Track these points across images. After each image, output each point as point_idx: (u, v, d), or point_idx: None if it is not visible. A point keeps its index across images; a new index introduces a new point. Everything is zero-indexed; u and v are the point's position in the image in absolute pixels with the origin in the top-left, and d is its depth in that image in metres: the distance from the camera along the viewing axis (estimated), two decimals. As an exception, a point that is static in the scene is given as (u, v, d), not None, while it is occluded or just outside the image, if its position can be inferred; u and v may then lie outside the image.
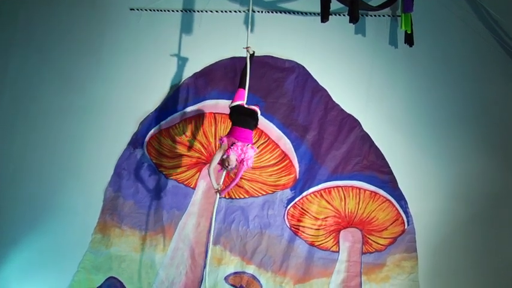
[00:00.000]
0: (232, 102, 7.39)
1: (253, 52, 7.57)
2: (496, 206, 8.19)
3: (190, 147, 8.81)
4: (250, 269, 8.54)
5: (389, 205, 8.43)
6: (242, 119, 7.28)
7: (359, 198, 8.49)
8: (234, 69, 8.72)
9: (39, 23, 9.33)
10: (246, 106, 7.35)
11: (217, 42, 8.81)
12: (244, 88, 7.43)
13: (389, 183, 8.43)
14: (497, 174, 8.24)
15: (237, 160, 7.09)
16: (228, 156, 7.08)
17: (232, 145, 7.11)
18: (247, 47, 7.52)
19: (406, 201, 8.37)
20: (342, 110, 8.63)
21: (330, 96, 8.66)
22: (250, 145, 7.18)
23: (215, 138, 8.74)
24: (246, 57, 7.51)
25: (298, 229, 8.55)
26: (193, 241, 8.66)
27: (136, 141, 8.94)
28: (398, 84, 8.55)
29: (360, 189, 8.50)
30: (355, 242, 8.45)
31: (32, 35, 9.35)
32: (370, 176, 8.48)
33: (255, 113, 7.35)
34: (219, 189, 7.34)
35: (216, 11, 8.95)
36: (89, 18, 9.21)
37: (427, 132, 8.42)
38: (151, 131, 8.91)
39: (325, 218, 8.53)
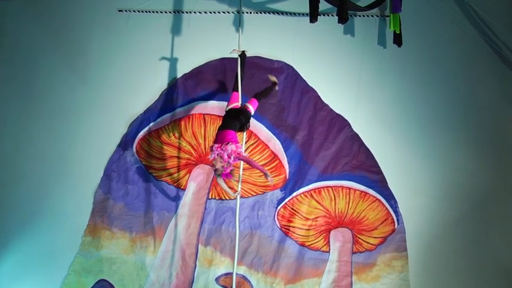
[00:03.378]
0: (227, 107, 7.42)
1: (243, 52, 7.54)
2: (485, 205, 8.25)
3: (180, 149, 8.80)
4: (241, 270, 8.53)
5: (379, 205, 8.46)
6: (223, 123, 7.27)
7: (349, 198, 8.52)
8: (224, 70, 8.72)
9: (27, 25, 9.27)
10: (238, 107, 7.34)
11: (206, 43, 8.80)
12: (237, 90, 7.44)
13: (379, 183, 8.46)
14: (486, 174, 8.29)
15: (223, 161, 7.02)
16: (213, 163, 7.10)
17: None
18: (233, 50, 7.51)
19: (396, 200, 8.41)
20: (332, 110, 8.66)
21: (319, 97, 8.69)
22: (229, 143, 7.01)
23: (205, 140, 8.74)
24: (237, 59, 7.51)
25: (289, 229, 8.55)
26: (184, 242, 8.65)
27: (126, 142, 8.91)
28: (388, 84, 8.58)
29: (349, 189, 8.52)
30: (345, 242, 8.48)
31: (20, 37, 9.29)
32: (360, 176, 8.51)
33: (241, 112, 7.29)
34: (238, 191, 7.35)
35: (205, 12, 8.93)
36: (78, 20, 9.17)
37: (417, 132, 8.45)
38: (141, 133, 8.89)
39: (316, 218, 8.55)
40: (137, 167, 8.86)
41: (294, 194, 8.59)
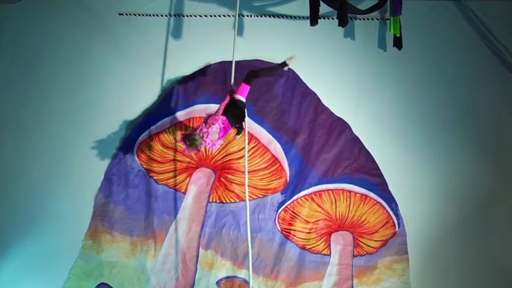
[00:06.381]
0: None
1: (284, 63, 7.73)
2: (486, 207, 8.25)
3: (180, 152, 8.79)
4: (242, 273, 8.53)
5: (380, 208, 8.46)
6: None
7: (350, 201, 8.52)
8: (224, 74, 8.71)
9: (28, 27, 9.27)
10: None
11: (207, 46, 8.81)
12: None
13: (380, 186, 8.46)
14: (487, 177, 8.29)
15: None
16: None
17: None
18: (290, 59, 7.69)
19: (396, 203, 8.41)
20: (332, 113, 8.66)
21: (320, 100, 8.69)
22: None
23: (205, 143, 8.73)
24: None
25: (290, 233, 8.55)
26: (185, 246, 8.64)
27: (126, 146, 8.90)
28: (388, 87, 8.59)
29: (350, 192, 8.52)
30: (346, 245, 8.47)
31: (21, 39, 9.29)
32: (361, 179, 8.51)
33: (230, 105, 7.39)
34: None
35: (205, 16, 8.94)
36: (78, 23, 9.16)
37: (417, 135, 8.46)
38: (141, 136, 8.88)
39: (316, 221, 8.54)
40: (138, 170, 8.84)
41: (295, 197, 8.59)
